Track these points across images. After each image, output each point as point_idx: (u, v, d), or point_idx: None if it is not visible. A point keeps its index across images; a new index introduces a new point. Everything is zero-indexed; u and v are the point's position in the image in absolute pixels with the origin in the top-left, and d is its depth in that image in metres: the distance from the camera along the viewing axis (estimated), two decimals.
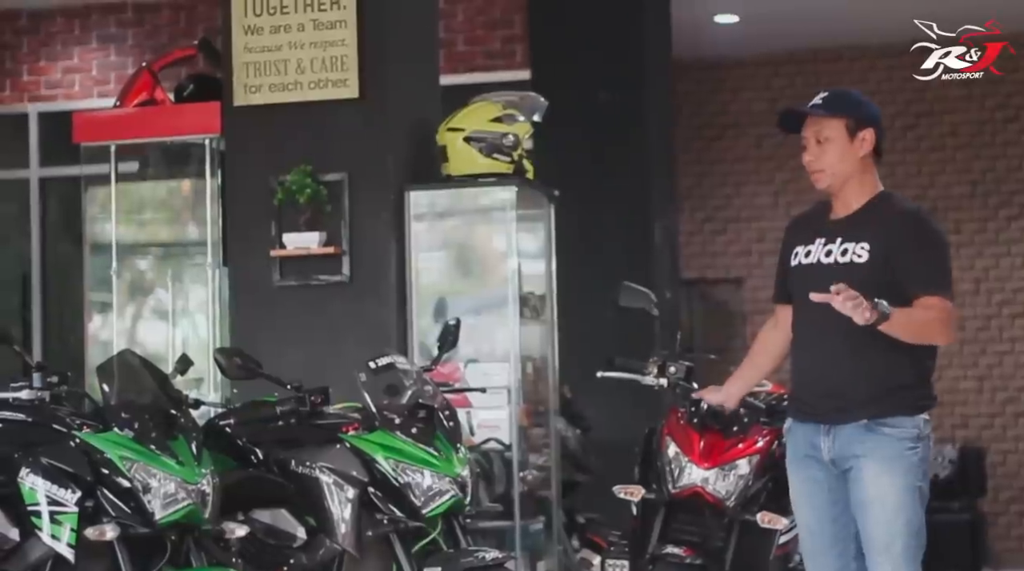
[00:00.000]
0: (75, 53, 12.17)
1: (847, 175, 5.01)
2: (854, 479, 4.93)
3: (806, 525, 5.09)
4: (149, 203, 9.10)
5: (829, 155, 5.01)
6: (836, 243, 4.97)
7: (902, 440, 4.89)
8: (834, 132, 5.01)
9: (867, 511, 4.91)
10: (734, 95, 12.91)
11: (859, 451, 4.91)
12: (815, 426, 4.99)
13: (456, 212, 7.95)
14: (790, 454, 5.12)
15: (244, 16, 7.78)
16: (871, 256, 4.90)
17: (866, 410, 4.90)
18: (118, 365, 5.79)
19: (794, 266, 5.07)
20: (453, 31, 11.40)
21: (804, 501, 5.08)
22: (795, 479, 5.11)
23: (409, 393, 6.17)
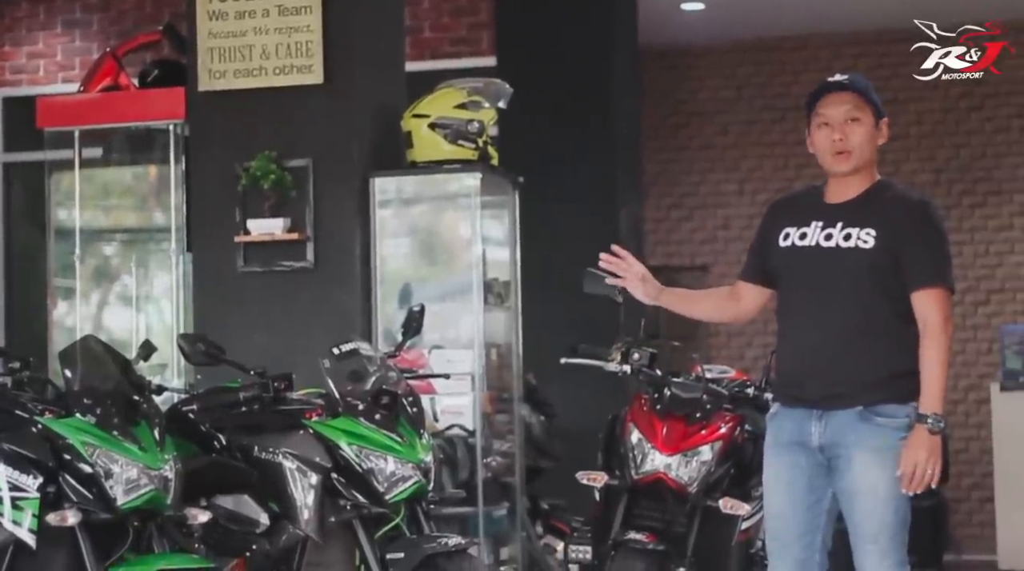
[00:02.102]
0: (40, 38, 12.12)
1: (867, 161, 4.96)
2: (843, 468, 4.89)
3: (779, 512, 5.01)
4: (113, 189, 9.08)
5: (859, 137, 4.93)
6: (836, 227, 4.90)
7: (895, 430, 4.86)
8: (865, 116, 4.95)
9: (856, 501, 4.88)
10: (700, 82, 12.92)
11: (851, 440, 4.86)
12: (806, 411, 4.92)
13: (421, 199, 7.95)
14: (772, 439, 5.03)
15: (209, 1, 7.76)
16: (877, 242, 4.85)
17: (863, 397, 4.86)
18: (81, 351, 5.77)
19: (785, 247, 4.98)
20: (419, 18, 11.39)
21: (782, 487, 5.00)
22: (776, 464, 5.02)
23: (373, 379, 6.18)
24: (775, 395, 5.12)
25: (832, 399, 4.88)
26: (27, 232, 11.85)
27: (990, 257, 12.43)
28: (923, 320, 4.85)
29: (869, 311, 4.86)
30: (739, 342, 12.23)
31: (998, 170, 12.45)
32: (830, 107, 4.98)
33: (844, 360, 4.86)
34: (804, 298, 4.94)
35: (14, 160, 12.11)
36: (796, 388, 4.96)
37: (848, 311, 4.85)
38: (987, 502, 11.68)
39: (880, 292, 4.87)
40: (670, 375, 6.58)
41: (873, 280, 4.85)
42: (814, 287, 4.90)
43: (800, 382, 4.94)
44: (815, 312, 4.91)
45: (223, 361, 6.25)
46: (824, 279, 4.90)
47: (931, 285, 4.86)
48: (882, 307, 4.87)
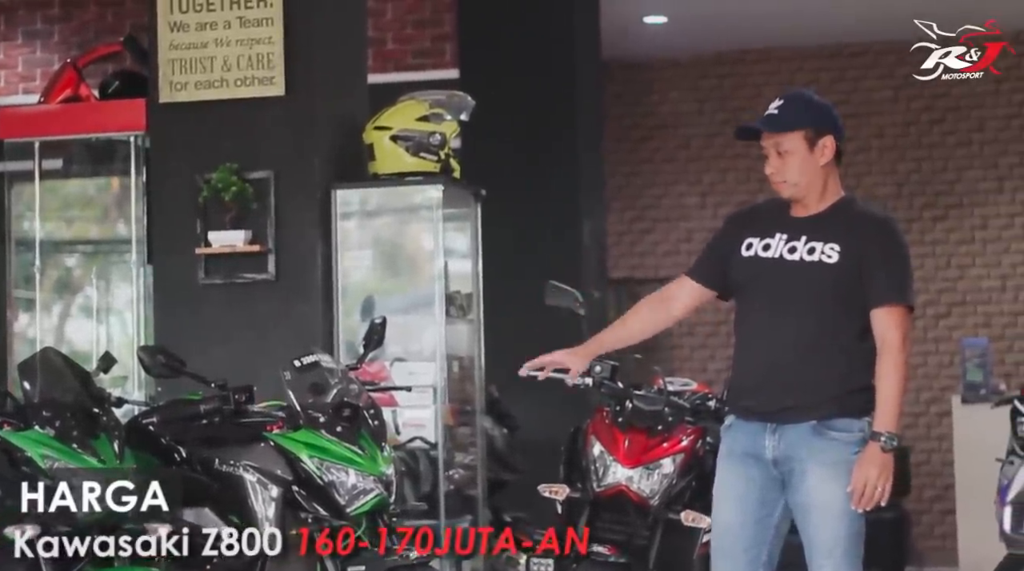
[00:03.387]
0: (0, 49, 12.08)
1: (810, 184, 4.97)
2: (797, 482, 4.88)
3: (727, 524, 5.00)
4: (74, 200, 9.04)
5: (790, 168, 4.96)
6: (800, 241, 4.91)
7: (848, 444, 4.86)
8: (793, 145, 4.97)
9: (811, 515, 4.87)
10: (663, 95, 12.95)
11: (804, 454, 4.86)
12: (760, 424, 4.92)
13: (383, 211, 7.94)
14: (726, 450, 5.03)
15: (170, 13, 7.74)
16: (842, 258, 4.86)
17: (817, 411, 4.86)
18: (40, 363, 5.75)
19: (748, 257, 4.98)
20: (382, 29, 11.40)
21: (732, 499, 4.99)
22: (728, 476, 5.01)
23: (334, 392, 6.17)
24: (730, 406, 5.10)
25: (787, 412, 4.88)
26: None
27: (951, 270, 12.48)
28: (882, 338, 4.86)
29: (828, 326, 4.86)
30: (702, 355, 12.26)
31: (959, 183, 12.51)
32: (765, 140, 5.05)
33: (801, 374, 4.86)
34: (764, 310, 4.94)
35: None
36: (751, 400, 4.95)
37: (807, 325, 4.86)
38: (949, 514, 11.72)
39: (840, 307, 4.87)
40: (632, 388, 6.58)
41: (835, 295, 4.86)
42: (775, 299, 4.91)
43: (755, 394, 4.94)
44: (774, 324, 4.91)
45: (184, 373, 6.23)
46: (785, 292, 4.90)
47: (893, 303, 4.88)
48: (841, 322, 4.88)
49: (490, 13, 10.57)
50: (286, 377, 6.15)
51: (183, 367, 6.22)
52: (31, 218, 8.75)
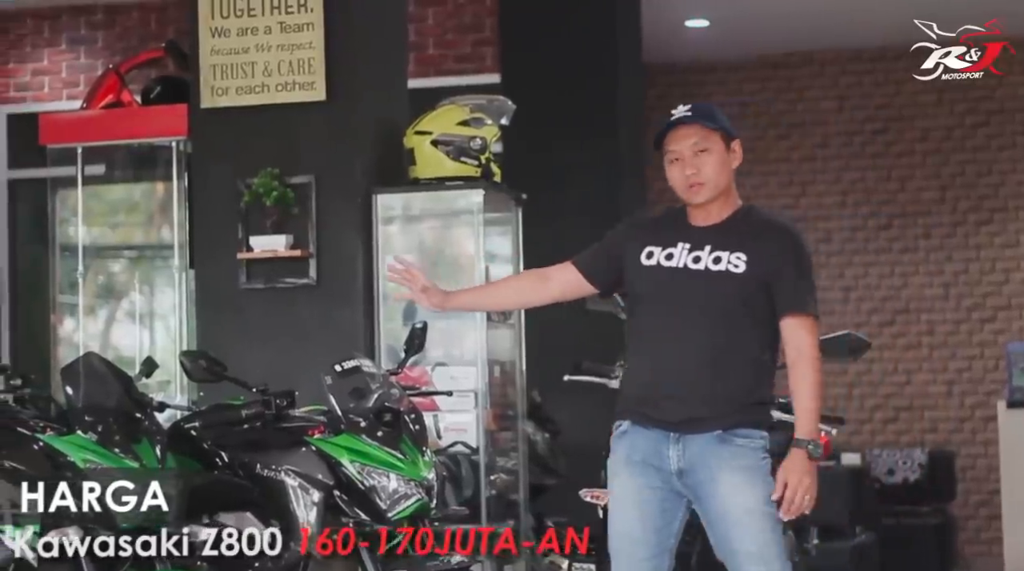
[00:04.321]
0: (44, 55, 12.14)
1: (724, 187, 4.91)
2: (709, 493, 4.81)
3: (628, 534, 4.89)
4: (116, 206, 9.08)
5: (709, 167, 4.88)
6: (705, 250, 4.85)
7: (754, 450, 4.82)
8: (713, 144, 4.90)
9: (734, 524, 4.79)
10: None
11: (713, 463, 4.80)
12: (663, 433, 4.84)
13: (424, 215, 7.94)
14: (621, 457, 4.92)
15: (211, 18, 7.77)
16: (748, 267, 4.81)
17: (723, 421, 4.80)
18: (83, 368, 5.77)
19: (649, 266, 4.90)
20: (424, 34, 11.40)
21: (632, 508, 4.89)
22: (626, 484, 4.91)
23: (375, 396, 6.17)
24: (624, 413, 4.97)
25: (692, 423, 4.81)
26: (31, 249, 11.85)
27: (996, 274, 12.41)
28: (796, 346, 4.83)
29: (734, 336, 4.81)
30: None
31: (1004, 187, 12.44)
32: (677, 142, 4.93)
33: (707, 384, 4.80)
34: (666, 319, 4.86)
35: (19, 177, 12.12)
36: (652, 408, 4.85)
37: (713, 335, 4.80)
38: (995, 519, 11.65)
39: (747, 318, 4.83)
40: None
41: (741, 305, 4.81)
42: (678, 309, 4.83)
43: (658, 403, 4.84)
44: (678, 334, 4.83)
45: (225, 378, 6.24)
46: (690, 301, 4.83)
47: (803, 312, 4.85)
48: (746, 332, 4.83)
49: (531, 18, 10.57)
50: (327, 382, 6.16)
51: (225, 372, 6.23)
52: (75, 223, 8.78)
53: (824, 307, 12.78)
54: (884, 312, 12.53)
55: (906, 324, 12.48)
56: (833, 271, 12.61)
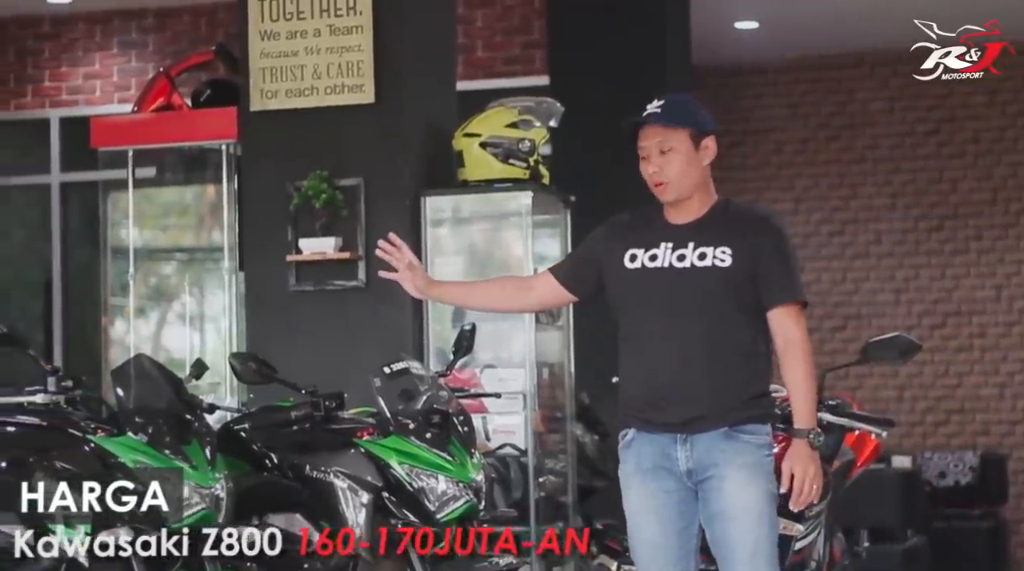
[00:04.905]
0: (96, 59, 12.22)
1: (693, 185, 4.85)
2: (714, 488, 4.79)
3: (650, 540, 4.87)
4: (167, 208, 9.12)
5: (674, 167, 4.83)
6: (688, 247, 4.81)
7: (760, 447, 4.80)
8: (678, 143, 4.84)
9: (731, 520, 4.77)
10: (754, 101, 12.89)
11: (719, 459, 4.78)
12: (669, 436, 4.81)
13: (472, 217, 7.95)
14: (632, 466, 4.89)
15: (261, 21, 7.80)
16: (735, 260, 4.77)
17: (727, 418, 4.77)
18: (133, 369, 5.80)
19: (634, 269, 4.86)
20: (472, 37, 11.42)
21: (651, 514, 4.86)
22: (642, 491, 4.88)
23: (424, 398, 6.17)
24: (626, 420, 4.93)
25: (696, 422, 4.78)
26: (84, 252, 11.94)
27: None
28: (784, 336, 4.80)
29: (727, 331, 4.78)
30: None
31: None
32: (645, 139, 4.89)
33: (706, 382, 4.77)
34: (657, 320, 4.81)
35: (70, 180, 12.21)
36: (655, 412, 4.82)
37: (707, 332, 4.77)
38: None
39: (738, 310, 4.79)
40: None
41: (731, 298, 4.78)
42: (670, 309, 4.79)
43: (660, 406, 4.81)
44: (671, 334, 4.79)
45: (275, 380, 6.26)
46: (679, 300, 4.79)
47: (790, 301, 4.81)
48: (740, 326, 4.80)
49: (580, 20, 10.56)
50: (376, 384, 6.17)
51: (274, 374, 6.25)
52: (126, 226, 8.83)
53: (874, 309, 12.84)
54: (935, 314, 12.46)
55: (957, 326, 12.41)
56: (883, 273, 12.56)
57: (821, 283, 12.59)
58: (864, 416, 6.48)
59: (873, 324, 12.36)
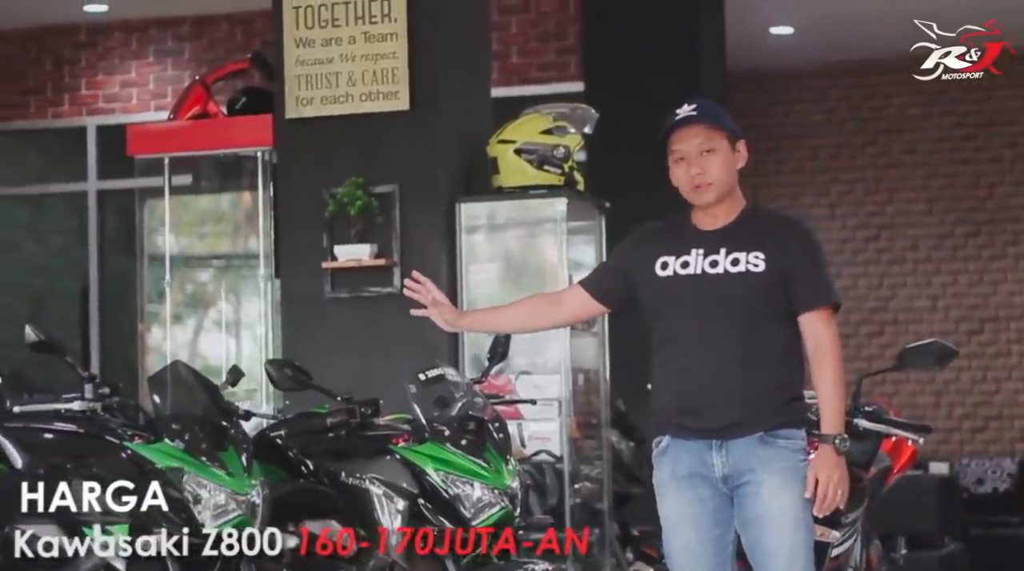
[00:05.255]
0: (132, 67, 12.27)
1: (731, 188, 4.86)
2: (750, 494, 4.78)
3: (687, 547, 4.85)
4: (203, 215, 9.15)
5: (715, 168, 4.82)
6: (720, 253, 4.80)
7: (795, 452, 4.79)
8: (719, 144, 4.84)
9: (767, 526, 4.76)
10: (790, 107, 12.86)
11: (755, 464, 4.76)
12: (705, 443, 4.80)
13: (507, 224, 7.95)
14: (667, 473, 4.87)
15: (296, 29, 7.82)
16: (768, 265, 4.77)
17: (763, 423, 4.76)
18: (169, 376, 5.81)
19: (666, 277, 4.84)
20: (507, 43, 11.43)
21: (686, 522, 4.84)
22: (677, 499, 4.86)
23: (459, 405, 6.17)
24: (661, 427, 4.92)
25: (732, 428, 4.77)
26: (121, 259, 11.99)
27: None
28: (815, 340, 4.79)
29: (762, 336, 4.77)
30: None
31: None
32: (683, 142, 4.86)
33: (742, 388, 4.75)
34: (691, 327, 4.80)
35: (107, 187, 12.27)
36: (691, 419, 4.81)
37: (741, 336, 4.75)
38: None
39: (772, 315, 4.79)
40: None
41: (765, 303, 4.77)
42: (703, 315, 4.78)
43: (696, 412, 4.79)
44: (705, 340, 4.78)
45: (310, 386, 6.26)
46: (713, 306, 4.78)
47: (821, 305, 4.81)
48: (773, 331, 4.79)
49: (615, 26, 10.56)
50: (411, 390, 6.17)
51: (310, 380, 6.26)
52: (162, 233, 8.86)
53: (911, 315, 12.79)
54: (972, 320, 12.41)
55: (995, 332, 12.36)
56: (920, 279, 12.52)
57: (857, 289, 12.55)
58: (901, 422, 6.46)
59: (910, 330, 12.32)
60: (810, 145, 12.81)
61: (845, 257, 12.52)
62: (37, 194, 12.71)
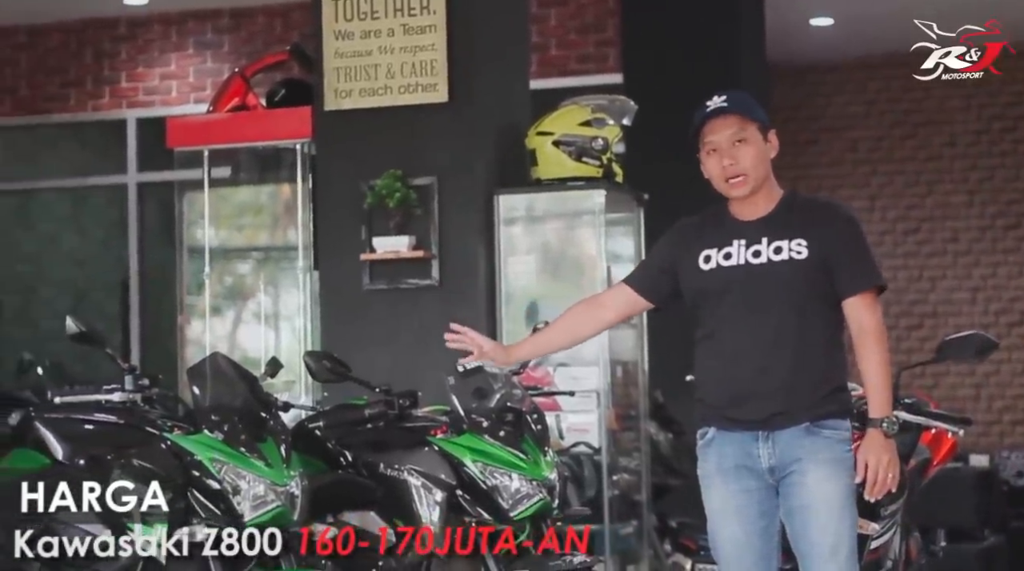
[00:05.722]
0: (172, 59, 12.31)
1: (765, 178, 4.85)
2: (795, 483, 4.77)
3: (734, 539, 4.85)
4: (242, 207, 9.17)
5: (749, 158, 4.82)
6: (763, 243, 4.79)
7: (840, 442, 4.78)
8: (751, 135, 4.84)
9: (812, 516, 4.75)
10: (829, 99, 12.82)
11: (800, 455, 4.75)
12: (750, 434, 4.79)
13: (545, 216, 7.95)
14: (713, 465, 4.87)
15: (335, 21, 7.83)
16: (811, 252, 4.75)
17: (809, 413, 4.75)
18: (209, 368, 5.82)
19: (709, 269, 4.84)
20: (546, 35, 11.42)
21: (732, 513, 4.84)
22: (723, 491, 4.86)
23: (497, 397, 6.18)
24: (706, 419, 4.90)
25: (778, 418, 4.76)
26: (161, 251, 12.02)
27: None
28: (858, 324, 4.77)
29: (807, 324, 4.76)
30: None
31: None
32: (715, 133, 4.86)
33: (787, 378, 4.75)
34: (736, 318, 4.79)
35: (147, 180, 12.31)
36: (736, 410, 4.80)
37: (785, 325, 4.75)
38: None
39: (816, 302, 4.78)
40: None
41: (809, 290, 4.76)
42: (747, 306, 4.77)
43: (741, 403, 4.79)
44: (750, 331, 4.77)
45: (349, 378, 6.28)
46: (759, 296, 4.77)
47: (865, 289, 4.79)
48: (819, 318, 4.78)
49: (654, 17, 10.54)
50: (450, 382, 6.18)
51: (348, 372, 6.27)
52: (201, 225, 8.88)
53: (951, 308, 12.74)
54: (1012, 312, 12.35)
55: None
56: (960, 271, 12.46)
57: (897, 281, 12.50)
58: (941, 415, 6.43)
59: (950, 322, 12.27)
60: (850, 137, 12.77)
61: (885, 249, 12.47)
62: (77, 187, 12.77)
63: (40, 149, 12.93)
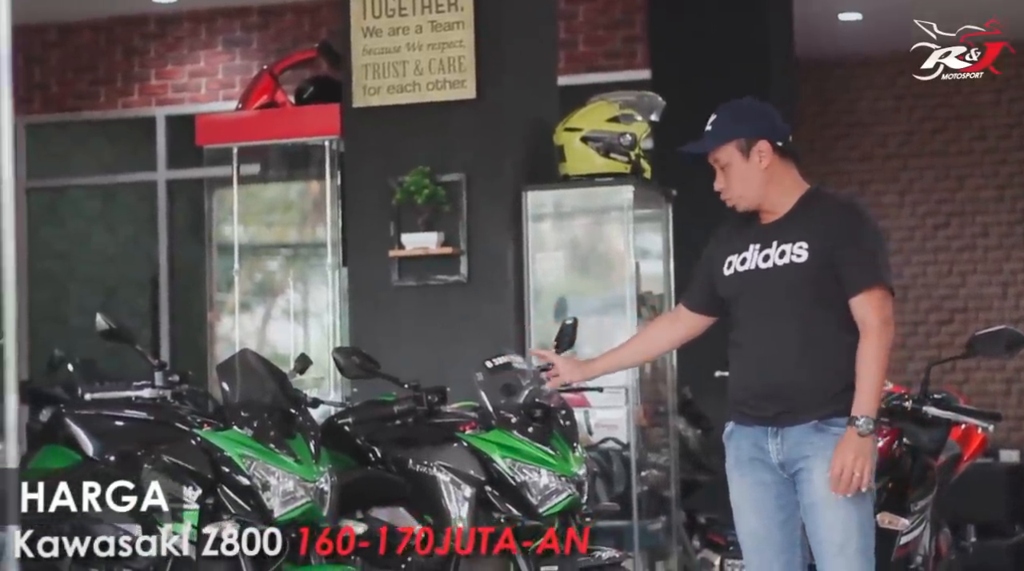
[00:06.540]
0: (201, 57, 12.34)
1: (758, 192, 4.91)
2: (804, 480, 4.84)
3: (752, 532, 4.94)
4: (271, 204, 9.19)
5: (734, 182, 4.92)
6: (772, 247, 4.87)
7: None
8: (728, 157, 4.92)
9: (820, 512, 4.82)
10: (858, 93, 12.79)
11: (809, 451, 4.82)
12: (762, 429, 4.89)
13: (574, 212, 7.95)
14: (733, 459, 4.99)
15: (363, 18, 7.84)
16: (811, 254, 4.81)
17: (816, 412, 4.82)
18: (238, 364, 5.84)
19: (729, 275, 4.95)
20: (573, 31, 11.41)
21: (750, 506, 4.94)
22: (741, 483, 4.97)
23: (526, 392, 6.18)
24: (730, 414, 5.03)
25: (786, 415, 4.84)
26: (190, 248, 12.06)
27: None
28: (862, 322, 4.80)
29: (813, 325, 4.81)
30: (900, 355, 12.08)
31: None
32: (709, 157, 5.00)
33: (795, 378, 4.82)
34: (750, 321, 4.91)
35: (176, 177, 12.34)
36: (750, 407, 4.91)
37: (793, 328, 4.82)
38: None
39: (821, 304, 4.82)
40: None
41: (812, 293, 4.80)
42: (758, 310, 4.87)
43: (753, 401, 4.90)
44: (761, 333, 4.88)
45: (378, 374, 6.29)
46: (765, 300, 4.86)
47: (868, 287, 4.80)
48: (825, 319, 4.82)
49: (682, 13, 10.53)
50: (478, 378, 6.19)
51: (377, 368, 6.29)
52: (230, 222, 8.90)
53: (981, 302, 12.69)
54: None
55: None
56: (990, 266, 12.42)
57: (927, 276, 12.47)
58: (970, 410, 6.42)
59: (980, 317, 12.23)
60: (879, 132, 12.73)
61: (914, 244, 12.44)
62: (107, 184, 12.81)
63: (70, 146, 12.99)
